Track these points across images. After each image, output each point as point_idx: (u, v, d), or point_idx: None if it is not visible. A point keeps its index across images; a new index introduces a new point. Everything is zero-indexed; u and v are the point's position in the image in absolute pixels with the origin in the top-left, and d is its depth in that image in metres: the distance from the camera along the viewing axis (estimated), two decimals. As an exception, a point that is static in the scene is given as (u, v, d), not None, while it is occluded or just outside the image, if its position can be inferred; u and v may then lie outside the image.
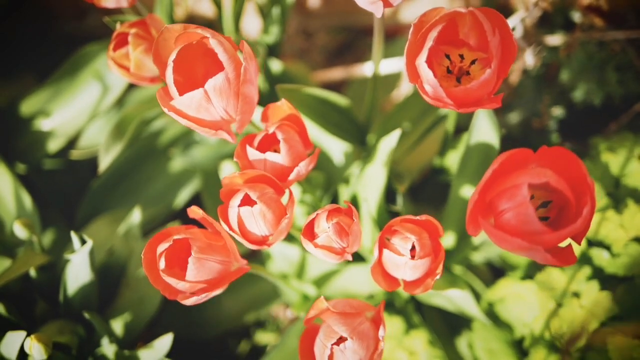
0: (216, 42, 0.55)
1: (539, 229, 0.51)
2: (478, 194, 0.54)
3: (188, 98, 0.56)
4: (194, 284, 0.58)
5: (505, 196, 0.52)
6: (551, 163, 0.54)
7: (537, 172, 0.51)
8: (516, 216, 0.51)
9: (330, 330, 0.58)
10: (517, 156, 0.54)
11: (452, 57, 0.60)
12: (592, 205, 0.51)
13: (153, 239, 0.60)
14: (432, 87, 0.55)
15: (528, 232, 0.51)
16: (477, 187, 0.54)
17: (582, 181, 0.52)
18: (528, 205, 0.50)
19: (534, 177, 0.51)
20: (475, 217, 0.55)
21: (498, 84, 0.55)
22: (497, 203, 0.53)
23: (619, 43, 0.93)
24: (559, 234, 0.50)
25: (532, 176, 0.51)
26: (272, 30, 0.95)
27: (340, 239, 0.59)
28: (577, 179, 0.53)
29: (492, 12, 0.55)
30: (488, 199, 0.54)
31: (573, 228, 0.50)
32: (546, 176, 0.51)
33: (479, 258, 0.88)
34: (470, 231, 0.55)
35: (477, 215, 0.55)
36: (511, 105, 1.00)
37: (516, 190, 0.51)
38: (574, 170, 0.53)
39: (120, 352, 0.79)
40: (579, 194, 0.53)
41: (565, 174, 0.52)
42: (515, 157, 0.54)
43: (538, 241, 0.50)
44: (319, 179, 0.82)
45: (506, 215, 0.52)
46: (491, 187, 0.54)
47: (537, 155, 0.55)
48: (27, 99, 1.03)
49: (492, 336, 0.82)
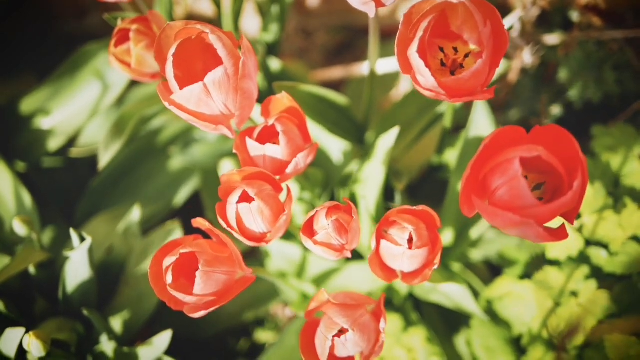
0: (215, 37, 0.56)
1: (532, 203, 0.51)
2: (471, 170, 0.54)
3: (188, 92, 0.56)
4: (202, 297, 0.59)
5: (498, 171, 0.52)
6: (544, 141, 0.54)
7: (529, 147, 0.52)
8: (509, 191, 0.51)
9: (331, 322, 0.59)
10: (509, 133, 0.54)
11: (445, 50, 0.60)
12: (583, 179, 0.52)
13: (159, 251, 0.60)
14: (424, 77, 0.55)
15: (521, 206, 0.51)
16: (470, 163, 0.54)
17: (574, 158, 0.52)
18: (520, 178, 0.51)
19: (526, 152, 0.51)
20: (468, 195, 0.55)
21: (490, 75, 0.56)
22: (490, 180, 0.53)
23: (617, 42, 0.93)
24: (551, 207, 0.51)
25: (525, 151, 0.51)
26: (271, 29, 0.96)
27: (340, 235, 0.59)
28: (570, 156, 0.53)
29: (484, 3, 0.56)
30: (481, 177, 0.55)
31: (565, 200, 0.50)
32: (538, 151, 0.51)
33: (478, 256, 0.89)
34: (464, 211, 0.56)
35: (470, 194, 0.55)
36: (509, 104, 1.00)
37: (508, 164, 0.51)
38: (566, 147, 0.53)
39: (119, 349, 0.79)
40: (571, 170, 0.53)
41: (558, 151, 0.53)
42: (508, 134, 0.54)
43: (530, 215, 0.51)
44: (317, 176, 0.82)
45: (499, 192, 0.52)
46: (484, 164, 0.55)
47: (530, 134, 0.55)
48: (27, 98, 1.03)
49: (491, 334, 0.83)
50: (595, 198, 0.79)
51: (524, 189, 0.51)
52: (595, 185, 0.80)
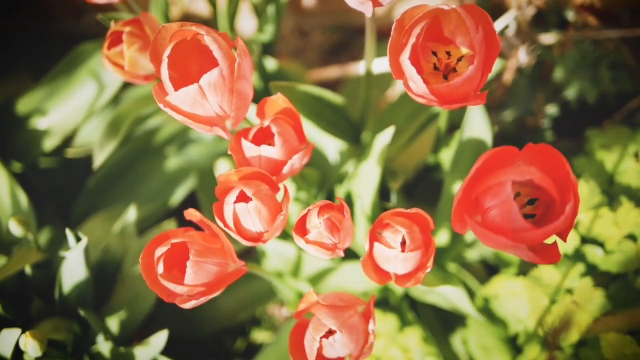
0: (211, 38, 0.56)
1: (523, 227, 0.51)
2: (462, 192, 0.54)
3: (183, 93, 0.56)
4: (193, 287, 0.58)
5: (490, 193, 0.52)
6: (536, 160, 0.54)
7: (521, 170, 0.52)
8: (501, 214, 0.52)
9: (319, 323, 0.59)
10: (502, 153, 0.55)
11: (438, 54, 0.60)
12: (574, 202, 0.52)
13: (151, 242, 0.60)
14: (416, 83, 0.55)
15: (512, 229, 0.51)
16: (462, 185, 0.54)
17: (566, 179, 0.53)
18: (512, 202, 0.51)
19: (517, 175, 0.51)
20: (461, 214, 0.55)
21: (483, 80, 0.56)
22: (482, 200, 0.53)
23: (612, 42, 0.93)
24: (542, 232, 0.51)
25: (516, 174, 0.51)
26: (267, 29, 0.96)
27: (332, 234, 0.59)
28: (562, 176, 0.53)
29: (476, 8, 0.56)
30: (474, 196, 0.55)
31: (555, 226, 0.51)
32: (530, 174, 0.51)
33: (473, 255, 0.89)
34: (456, 229, 0.56)
35: (462, 213, 0.55)
36: (505, 104, 1.00)
37: (500, 187, 0.52)
38: (558, 167, 0.53)
39: (115, 349, 0.79)
40: (563, 191, 0.53)
41: (550, 171, 0.53)
42: (501, 154, 0.54)
43: (522, 239, 0.51)
44: (313, 176, 0.82)
45: (491, 212, 0.52)
46: (476, 185, 0.55)
47: (522, 153, 0.55)
48: (23, 98, 1.03)
49: (486, 333, 0.83)
50: (590, 195, 0.79)
51: (515, 213, 0.51)
52: (589, 183, 0.80)
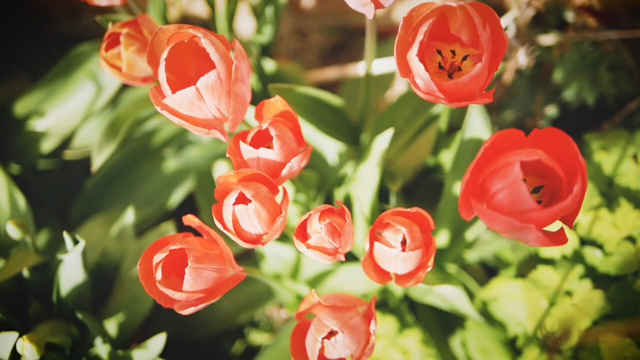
0: (208, 41, 0.55)
1: (532, 207, 0.51)
2: (470, 174, 0.54)
3: (180, 96, 0.56)
4: (191, 293, 0.58)
5: (498, 176, 0.52)
6: (543, 144, 0.54)
7: (529, 151, 0.51)
8: (509, 195, 0.51)
9: (321, 324, 0.58)
10: (509, 137, 0.54)
11: (443, 53, 0.60)
12: (583, 183, 0.51)
13: (149, 248, 0.60)
14: (424, 81, 0.55)
15: (520, 210, 0.51)
16: (469, 167, 0.54)
17: (573, 161, 0.52)
18: (520, 182, 0.50)
19: (525, 155, 0.51)
20: (467, 199, 0.55)
21: (489, 78, 0.56)
22: (489, 184, 0.53)
23: (612, 43, 0.93)
24: (550, 211, 0.50)
25: (524, 154, 0.51)
26: (266, 31, 0.95)
27: (333, 239, 0.59)
28: (569, 159, 0.53)
29: (483, 6, 0.55)
30: (480, 180, 0.54)
31: (564, 205, 0.50)
32: (538, 154, 0.51)
33: (473, 257, 0.88)
34: (463, 215, 0.55)
35: (469, 198, 0.55)
36: (504, 105, 1.00)
37: (508, 168, 0.51)
38: (565, 150, 0.53)
39: (113, 352, 0.78)
40: (570, 173, 0.53)
41: (557, 154, 0.52)
42: (507, 137, 0.54)
43: (530, 219, 0.50)
44: (312, 178, 0.82)
45: (499, 196, 0.52)
46: (483, 168, 0.54)
47: (529, 138, 0.55)
48: (21, 99, 1.02)
49: (486, 335, 0.82)
50: (589, 197, 0.79)
51: (524, 193, 0.50)
52: (588, 185, 0.80)
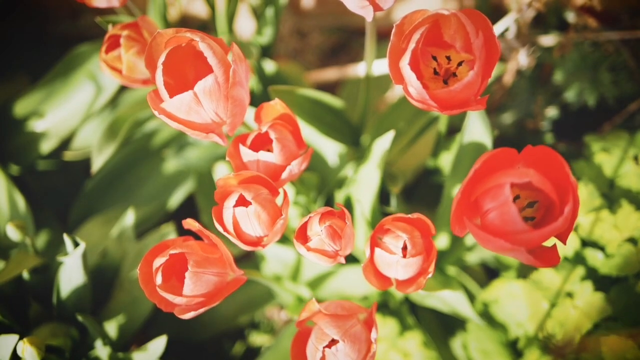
0: (205, 45, 0.55)
1: (522, 229, 0.50)
2: (461, 194, 0.54)
3: (178, 100, 0.55)
4: (191, 298, 0.58)
5: (489, 196, 0.52)
6: (535, 163, 0.54)
7: (520, 172, 0.51)
8: (499, 216, 0.51)
9: (321, 332, 0.58)
10: (501, 155, 0.54)
11: (439, 59, 0.60)
12: (574, 204, 0.51)
13: (149, 252, 0.59)
14: (416, 89, 0.55)
15: (511, 232, 0.51)
16: (461, 187, 0.54)
17: (565, 180, 0.52)
18: (510, 204, 0.50)
19: (516, 177, 0.51)
20: (459, 217, 0.55)
21: (483, 85, 0.55)
22: (481, 203, 0.53)
23: (612, 43, 0.93)
24: (540, 233, 0.50)
25: (515, 176, 0.51)
26: (266, 31, 0.95)
27: (333, 242, 0.58)
28: (561, 178, 0.53)
29: (476, 13, 0.55)
30: (473, 199, 0.54)
31: (554, 227, 0.50)
32: (529, 176, 0.51)
33: (474, 259, 0.88)
34: (455, 231, 0.55)
35: (461, 215, 0.55)
36: (505, 106, 1.00)
37: (499, 190, 0.51)
38: (557, 169, 0.53)
39: (114, 354, 0.78)
40: (563, 193, 0.53)
41: (549, 173, 0.52)
42: (500, 156, 0.54)
43: (521, 241, 0.50)
44: (312, 180, 0.82)
45: (490, 215, 0.52)
46: (475, 187, 0.54)
47: (522, 155, 0.55)
48: (21, 100, 1.02)
49: (487, 337, 0.82)
50: (590, 199, 0.79)
51: (514, 214, 0.50)
52: (589, 187, 0.80)
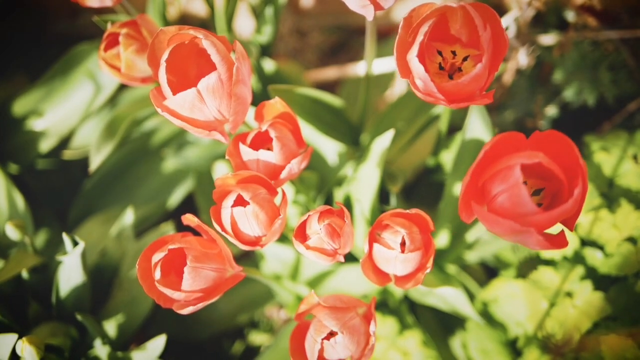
0: (209, 42, 0.55)
1: (532, 210, 0.50)
2: (470, 176, 0.53)
3: (181, 98, 0.55)
4: (190, 293, 0.58)
5: (498, 178, 0.52)
6: (544, 147, 0.53)
7: (530, 154, 0.51)
8: (509, 198, 0.51)
9: (320, 325, 0.58)
10: (509, 139, 0.54)
11: (444, 54, 0.60)
12: (583, 186, 0.51)
13: (148, 248, 0.59)
14: (424, 81, 0.55)
15: (521, 214, 0.51)
16: (470, 170, 0.53)
17: (574, 164, 0.52)
18: (521, 185, 0.50)
19: (526, 158, 0.51)
20: (467, 201, 0.55)
21: (489, 79, 0.55)
22: (489, 187, 0.53)
23: (612, 43, 0.93)
24: (551, 214, 0.50)
25: (525, 157, 0.51)
26: (265, 30, 0.95)
27: (332, 240, 0.58)
28: (570, 162, 0.52)
29: (484, 6, 0.55)
30: (481, 183, 0.54)
31: (565, 208, 0.50)
32: (538, 157, 0.51)
33: (473, 258, 0.88)
34: (463, 217, 0.55)
35: (469, 200, 0.54)
36: (505, 105, 1.00)
37: (509, 171, 0.51)
38: (566, 153, 0.53)
39: (113, 353, 0.78)
40: (571, 176, 0.52)
41: (557, 157, 0.52)
42: (508, 140, 0.54)
43: (531, 223, 0.50)
44: (312, 179, 0.82)
45: (499, 198, 0.52)
46: (483, 170, 0.54)
47: (529, 140, 0.55)
48: (20, 99, 1.02)
49: (486, 336, 0.82)
50: (589, 198, 0.79)
51: (524, 196, 0.50)
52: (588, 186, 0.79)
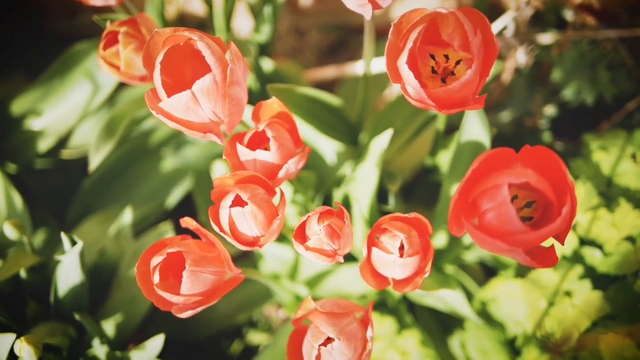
0: (203, 44, 0.55)
1: (520, 229, 0.50)
2: (459, 194, 0.54)
3: (175, 100, 0.55)
4: (189, 297, 0.58)
5: (487, 196, 0.52)
6: (533, 162, 0.53)
7: (518, 172, 0.51)
8: (497, 216, 0.51)
9: (317, 330, 0.58)
10: (499, 155, 0.54)
11: (437, 58, 0.60)
12: (572, 205, 0.51)
13: (147, 251, 0.59)
14: (414, 88, 0.55)
15: (509, 232, 0.51)
16: (458, 187, 0.54)
17: (563, 181, 0.52)
18: (508, 205, 0.50)
19: (514, 177, 0.51)
20: (457, 217, 0.55)
21: (481, 84, 0.55)
22: (479, 203, 0.53)
23: (610, 42, 0.93)
24: (538, 234, 0.50)
25: (513, 176, 0.51)
26: (264, 29, 0.95)
27: (332, 241, 0.58)
28: (559, 178, 0.52)
29: (474, 12, 0.55)
30: (471, 199, 0.54)
31: (552, 228, 0.50)
32: (526, 176, 0.51)
33: (472, 257, 0.88)
34: (453, 231, 0.55)
35: (459, 215, 0.55)
36: (503, 104, 1.00)
37: (497, 190, 0.51)
38: (555, 170, 0.53)
39: (111, 353, 0.78)
40: (560, 193, 0.53)
41: (547, 173, 0.52)
42: (497, 156, 0.54)
43: (519, 242, 0.50)
44: (310, 178, 0.82)
45: (488, 215, 0.52)
46: (473, 187, 0.54)
47: (519, 155, 0.55)
48: (18, 99, 1.02)
49: (485, 336, 0.82)
50: (588, 197, 0.79)
51: (512, 215, 0.50)
52: (587, 185, 0.80)
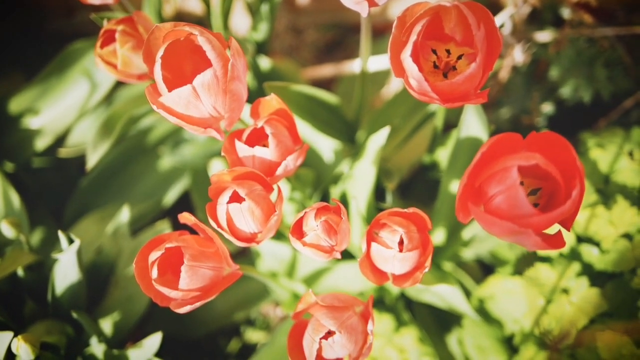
0: (204, 39, 0.55)
1: (529, 212, 0.50)
2: (467, 178, 0.53)
3: (176, 94, 0.55)
4: (187, 292, 0.58)
5: (495, 180, 0.52)
6: (540, 148, 0.53)
7: (527, 155, 0.51)
8: (506, 199, 0.51)
9: (318, 324, 0.58)
10: (506, 140, 0.54)
11: (438, 52, 0.60)
12: (581, 187, 0.51)
13: (145, 246, 0.59)
14: (417, 81, 0.55)
15: (518, 215, 0.51)
16: (466, 171, 0.53)
17: (571, 165, 0.52)
18: (518, 187, 0.50)
19: (523, 160, 0.51)
20: (464, 202, 0.55)
21: (484, 78, 0.55)
22: (486, 188, 0.53)
23: (608, 39, 0.93)
24: (548, 216, 0.50)
25: (522, 159, 0.51)
26: (261, 28, 0.95)
27: (329, 237, 0.58)
28: (567, 163, 0.52)
29: (477, 5, 0.55)
30: (477, 184, 0.54)
31: (563, 210, 0.50)
32: (535, 159, 0.51)
33: (469, 255, 0.88)
34: (460, 218, 0.55)
35: (466, 201, 0.54)
36: (501, 102, 1.00)
37: (506, 173, 0.51)
38: (563, 154, 0.53)
39: (109, 351, 0.78)
40: (568, 177, 0.52)
41: (554, 158, 0.52)
42: (505, 141, 0.54)
43: (528, 224, 0.50)
44: (308, 176, 0.82)
45: (496, 199, 0.52)
46: (480, 171, 0.54)
47: (526, 141, 0.55)
48: (16, 97, 1.02)
49: (483, 333, 0.82)
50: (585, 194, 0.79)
51: (521, 198, 0.50)
52: (584, 182, 0.80)
